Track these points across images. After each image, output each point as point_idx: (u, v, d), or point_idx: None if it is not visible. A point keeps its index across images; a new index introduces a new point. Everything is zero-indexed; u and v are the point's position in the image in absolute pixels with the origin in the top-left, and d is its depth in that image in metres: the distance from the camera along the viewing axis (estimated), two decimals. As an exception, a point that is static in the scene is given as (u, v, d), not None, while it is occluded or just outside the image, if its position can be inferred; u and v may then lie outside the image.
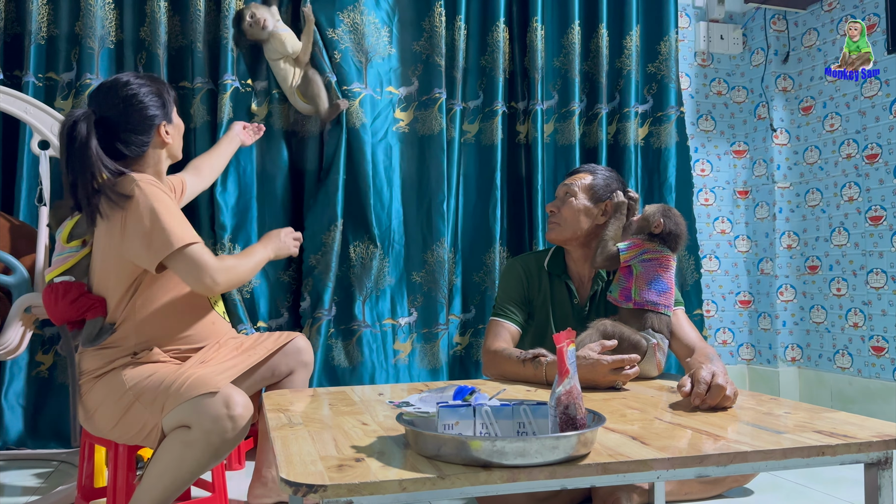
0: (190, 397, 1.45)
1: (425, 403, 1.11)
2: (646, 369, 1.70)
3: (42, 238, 2.09)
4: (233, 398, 1.45)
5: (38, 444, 2.58)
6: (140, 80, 1.73)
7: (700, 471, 0.99)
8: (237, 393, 1.47)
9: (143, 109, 1.69)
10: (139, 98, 1.69)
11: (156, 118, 1.72)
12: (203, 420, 1.43)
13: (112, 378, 1.58)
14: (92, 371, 1.63)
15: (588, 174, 2.00)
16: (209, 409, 1.43)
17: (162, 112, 1.73)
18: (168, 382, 1.50)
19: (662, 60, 3.26)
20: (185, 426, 1.46)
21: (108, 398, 1.57)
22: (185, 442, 1.45)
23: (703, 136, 3.60)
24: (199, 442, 1.44)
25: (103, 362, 1.61)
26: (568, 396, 1.00)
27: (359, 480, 0.87)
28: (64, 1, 2.65)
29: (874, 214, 3.14)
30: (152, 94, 1.72)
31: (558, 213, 1.97)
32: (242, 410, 1.45)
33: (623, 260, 1.79)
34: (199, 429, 1.43)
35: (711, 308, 3.57)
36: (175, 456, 1.46)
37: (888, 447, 1.06)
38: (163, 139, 1.74)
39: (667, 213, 1.83)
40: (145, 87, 1.72)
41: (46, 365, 2.63)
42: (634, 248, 1.80)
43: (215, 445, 1.44)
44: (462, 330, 3.02)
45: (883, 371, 3.09)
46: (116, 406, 1.56)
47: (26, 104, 2.18)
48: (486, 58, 3.08)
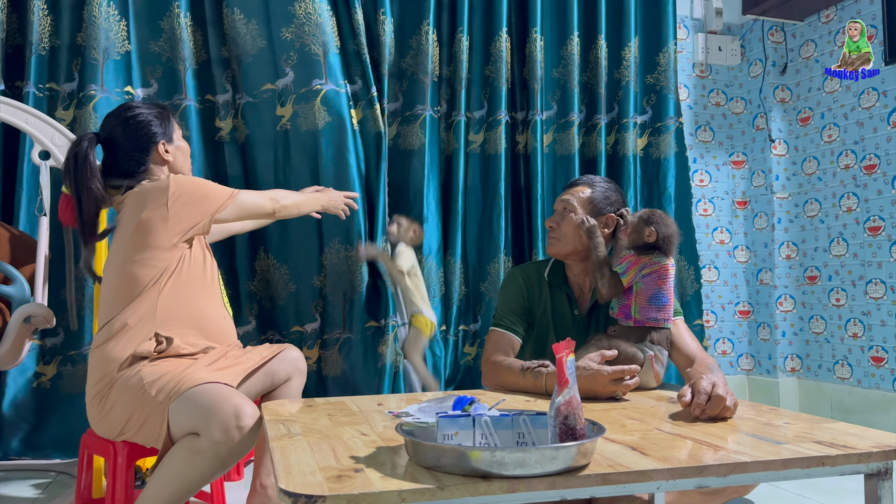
0: (198, 402, 1.47)
1: (424, 414, 1.11)
2: (644, 381, 1.70)
3: (42, 248, 2.09)
4: (243, 408, 1.46)
5: (39, 454, 2.57)
6: (141, 104, 1.85)
7: (700, 481, 0.99)
8: (247, 403, 1.48)
9: (140, 128, 1.80)
10: (137, 119, 1.81)
11: (155, 136, 1.81)
12: (213, 429, 1.44)
13: (132, 374, 1.59)
14: (115, 360, 1.62)
15: (586, 187, 1.96)
16: (219, 419, 1.44)
17: (161, 131, 1.82)
18: (179, 383, 1.52)
19: (661, 71, 3.28)
20: (194, 434, 1.47)
21: (126, 394, 1.58)
22: (193, 450, 1.45)
23: (701, 146, 3.61)
24: (207, 451, 1.45)
25: (124, 347, 1.62)
26: (567, 407, 1.00)
27: (358, 491, 0.87)
28: (65, 12, 2.67)
29: (873, 225, 3.15)
30: (152, 116, 1.82)
31: (558, 229, 1.93)
32: (251, 421, 1.46)
33: (625, 283, 1.78)
34: (208, 438, 1.44)
35: (711, 318, 3.57)
36: (183, 463, 1.46)
37: (888, 458, 1.06)
38: (163, 157, 1.82)
39: (652, 217, 1.79)
40: (145, 110, 1.83)
41: (48, 376, 2.62)
42: (632, 268, 1.78)
43: (223, 455, 1.45)
44: (471, 340, 3.04)
45: (883, 381, 3.08)
46: (132, 402, 1.57)
47: (27, 115, 2.19)
48: (489, 68, 3.09)
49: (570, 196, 1.95)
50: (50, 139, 2.22)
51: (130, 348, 1.62)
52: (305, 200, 2.02)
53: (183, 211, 1.68)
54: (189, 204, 1.69)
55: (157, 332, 1.64)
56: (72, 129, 2.61)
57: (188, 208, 1.69)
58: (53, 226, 2.33)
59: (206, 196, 1.73)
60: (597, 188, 1.96)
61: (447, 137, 3.06)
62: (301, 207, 1.99)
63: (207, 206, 1.72)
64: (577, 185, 2.00)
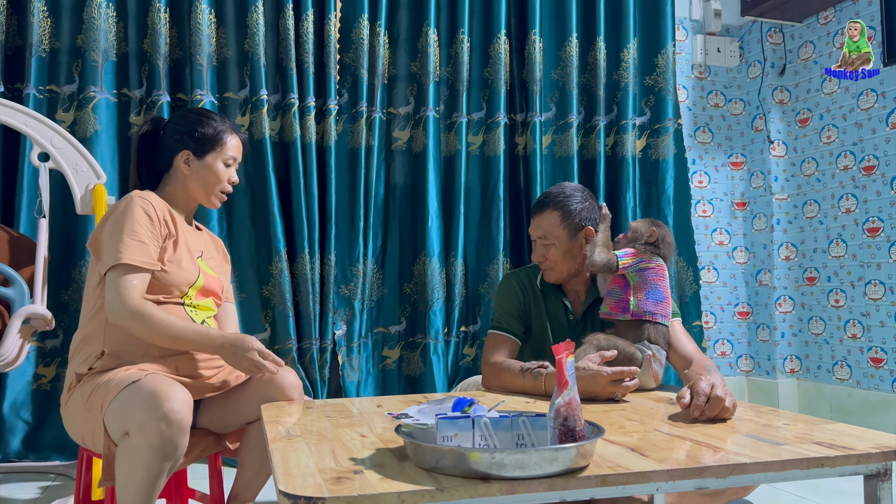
0: (124, 402, 1.39)
1: (424, 415, 1.11)
2: (642, 381, 1.70)
3: (41, 250, 2.09)
4: (159, 391, 1.37)
5: (39, 456, 2.57)
6: (212, 113, 1.80)
7: (699, 483, 0.99)
8: (165, 384, 1.39)
9: (178, 130, 1.75)
10: (185, 121, 1.76)
11: (184, 143, 1.74)
12: (135, 421, 1.36)
13: (75, 392, 1.57)
14: (67, 378, 1.62)
15: (554, 210, 1.90)
16: (138, 409, 1.36)
17: (194, 144, 1.74)
18: (105, 392, 1.46)
19: (660, 73, 3.28)
20: (126, 433, 1.40)
21: (77, 412, 1.55)
22: (128, 450, 1.39)
23: (700, 148, 3.61)
24: (141, 447, 1.37)
25: (73, 368, 1.60)
26: (567, 408, 1.00)
27: (358, 493, 0.87)
28: (65, 14, 2.67)
29: (871, 226, 3.15)
30: (199, 126, 1.75)
31: (546, 261, 1.91)
32: (176, 404, 1.37)
33: (622, 266, 1.78)
34: (135, 432, 1.37)
35: (710, 320, 3.57)
36: (126, 468, 1.40)
37: (887, 459, 1.06)
38: (181, 167, 1.74)
39: (655, 222, 1.85)
40: (199, 116, 1.77)
41: (48, 378, 2.63)
42: (632, 256, 1.80)
43: (157, 445, 1.36)
44: (471, 341, 3.04)
45: (882, 382, 3.08)
46: (79, 418, 1.54)
47: (26, 116, 2.19)
48: (488, 69, 3.10)
49: (541, 230, 1.91)
50: (49, 141, 2.22)
51: (81, 366, 1.59)
52: (174, 337, 1.55)
53: (104, 243, 1.60)
54: (108, 240, 1.59)
55: (104, 348, 1.58)
56: (72, 132, 2.61)
57: (105, 244, 1.60)
58: (53, 228, 2.33)
59: (113, 243, 1.57)
60: (565, 206, 1.90)
61: (447, 139, 3.06)
62: (165, 341, 1.56)
63: (105, 255, 1.58)
64: (543, 210, 1.92)
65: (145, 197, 1.64)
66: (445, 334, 2.99)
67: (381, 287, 3.00)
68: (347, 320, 2.89)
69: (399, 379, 2.99)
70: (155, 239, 1.62)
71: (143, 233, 1.59)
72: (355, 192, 2.90)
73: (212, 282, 1.75)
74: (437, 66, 3.02)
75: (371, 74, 2.93)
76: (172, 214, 1.71)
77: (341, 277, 2.89)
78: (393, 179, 3.02)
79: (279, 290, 2.78)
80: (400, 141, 3.02)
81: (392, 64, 3.02)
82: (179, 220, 1.73)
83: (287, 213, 2.83)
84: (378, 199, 2.97)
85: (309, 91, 2.83)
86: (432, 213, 2.97)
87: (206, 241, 1.85)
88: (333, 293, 2.85)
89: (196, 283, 1.69)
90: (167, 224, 1.67)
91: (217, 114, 1.81)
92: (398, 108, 3.02)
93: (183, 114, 1.81)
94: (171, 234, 1.67)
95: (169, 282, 1.63)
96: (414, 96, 3.03)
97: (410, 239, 3.02)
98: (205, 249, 1.80)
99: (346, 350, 2.87)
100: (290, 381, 1.65)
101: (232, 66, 2.82)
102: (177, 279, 1.65)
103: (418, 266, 2.99)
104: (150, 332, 1.54)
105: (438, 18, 3.04)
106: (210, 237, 1.90)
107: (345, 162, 2.92)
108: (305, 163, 2.83)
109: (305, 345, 2.81)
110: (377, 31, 2.93)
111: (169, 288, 1.64)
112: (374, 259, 2.96)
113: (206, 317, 1.73)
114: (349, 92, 2.94)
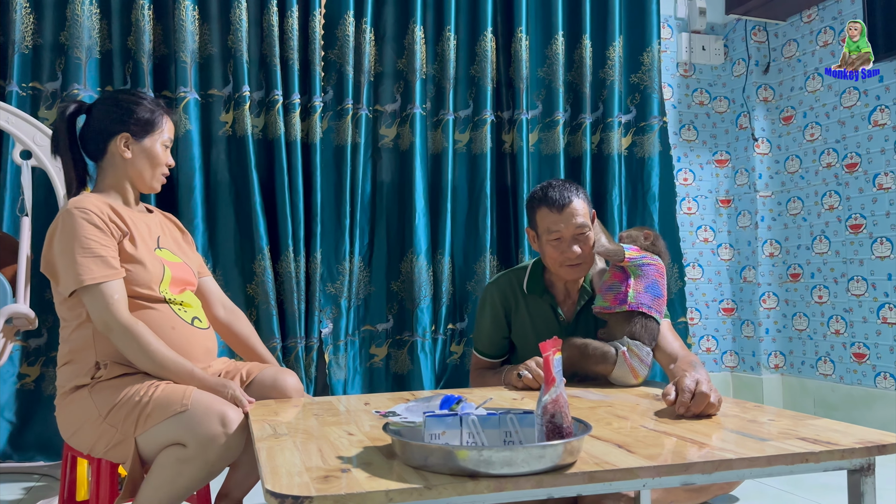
0: (180, 420, 1.43)
1: (412, 413, 1.10)
2: (620, 376, 1.72)
3: (24, 249, 2.07)
4: (228, 415, 1.43)
5: (24, 457, 2.54)
6: (143, 94, 1.73)
7: (685, 479, 0.99)
8: (231, 409, 1.45)
9: (112, 113, 1.66)
10: (118, 104, 1.68)
11: (122, 126, 1.65)
12: (200, 438, 1.41)
13: (83, 401, 1.54)
14: (62, 386, 1.59)
15: (580, 196, 1.86)
16: (206, 428, 1.41)
17: (133, 126, 1.66)
18: (139, 399, 1.47)
19: (645, 71, 3.29)
20: (179, 444, 1.44)
21: (86, 422, 1.53)
22: (180, 459, 1.43)
23: (685, 145, 3.63)
24: (195, 459, 1.42)
25: (69, 378, 1.58)
26: (554, 405, 1.00)
27: (345, 491, 0.87)
28: (48, 10, 2.64)
29: (854, 223, 3.18)
30: (136, 107, 1.67)
31: (583, 253, 1.84)
32: (238, 427, 1.44)
33: (628, 257, 1.80)
34: (195, 446, 1.42)
35: (695, 316, 3.60)
36: (171, 473, 1.44)
37: (871, 454, 1.07)
38: (120, 152, 1.66)
39: (651, 229, 1.93)
40: (134, 98, 1.69)
41: (32, 377, 2.60)
42: (636, 251, 1.83)
43: (211, 462, 1.43)
44: (458, 339, 3.05)
45: (864, 378, 3.12)
46: (92, 428, 1.52)
47: (8, 114, 2.17)
48: (475, 67, 3.10)
49: (582, 216, 1.85)
50: (31, 139, 2.20)
51: (76, 379, 1.56)
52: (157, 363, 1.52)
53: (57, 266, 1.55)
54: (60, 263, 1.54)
55: (97, 359, 1.56)
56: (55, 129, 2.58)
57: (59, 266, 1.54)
58: (35, 226, 2.31)
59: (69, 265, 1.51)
60: (581, 191, 1.90)
61: (434, 136, 3.06)
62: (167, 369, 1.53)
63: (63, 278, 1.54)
64: (573, 197, 1.85)
65: (82, 206, 1.56)
66: (433, 332, 2.99)
67: (368, 285, 2.99)
68: (334, 318, 2.88)
69: (386, 377, 2.99)
70: (111, 244, 1.56)
71: (95, 246, 1.53)
72: (341, 189, 2.89)
73: (179, 270, 1.70)
74: (424, 64, 3.02)
75: (357, 71, 2.93)
76: (116, 210, 1.63)
77: (327, 275, 2.88)
78: (380, 177, 3.02)
79: (262, 289, 2.76)
80: (387, 138, 3.02)
81: (378, 61, 3.02)
82: (126, 212, 1.65)
83: (271, 210, 2.82)
84: (365, 196, 2.96)
85: (293, 88, 2.82)
86: (419, 211, 2.97)
87: (160, 221, 1.79)
88: (319, 291, 2.84)
89: (164, 278, 1.64)
90: (116, 224, 1.60)
91: (148, 95, 1.75)
92: (385, 105, 3.02)
93: (113, 95, 1.74)
94: (124, 231, 1.61)
95: (138, 283, 1.59)
96: (400, 93, 3.03)
97: (397, 236, 3.02)
98: (161, 234, 1.74)
99: (333, 348, 2.87)
100: (292, 384, 1.66)
101: (216, 62, 2.80)
102: (146, 279, 1.60)
103: (405, 264, 2.99)
104: (136, 354, 1.52)
105: (425, 15, 3.03)
106: (163, 216, 1.83)
107: (330, 159, 2.91)
108: (290, 160, 2.82)
109: (290, 343, 2.80)
110: (363, 28, 2.93)
111: (142, 289, 1.60)
112: (361, 257, 2.95)
113: (194, 315, 1.69)
114: (334, 89, 2.93)
